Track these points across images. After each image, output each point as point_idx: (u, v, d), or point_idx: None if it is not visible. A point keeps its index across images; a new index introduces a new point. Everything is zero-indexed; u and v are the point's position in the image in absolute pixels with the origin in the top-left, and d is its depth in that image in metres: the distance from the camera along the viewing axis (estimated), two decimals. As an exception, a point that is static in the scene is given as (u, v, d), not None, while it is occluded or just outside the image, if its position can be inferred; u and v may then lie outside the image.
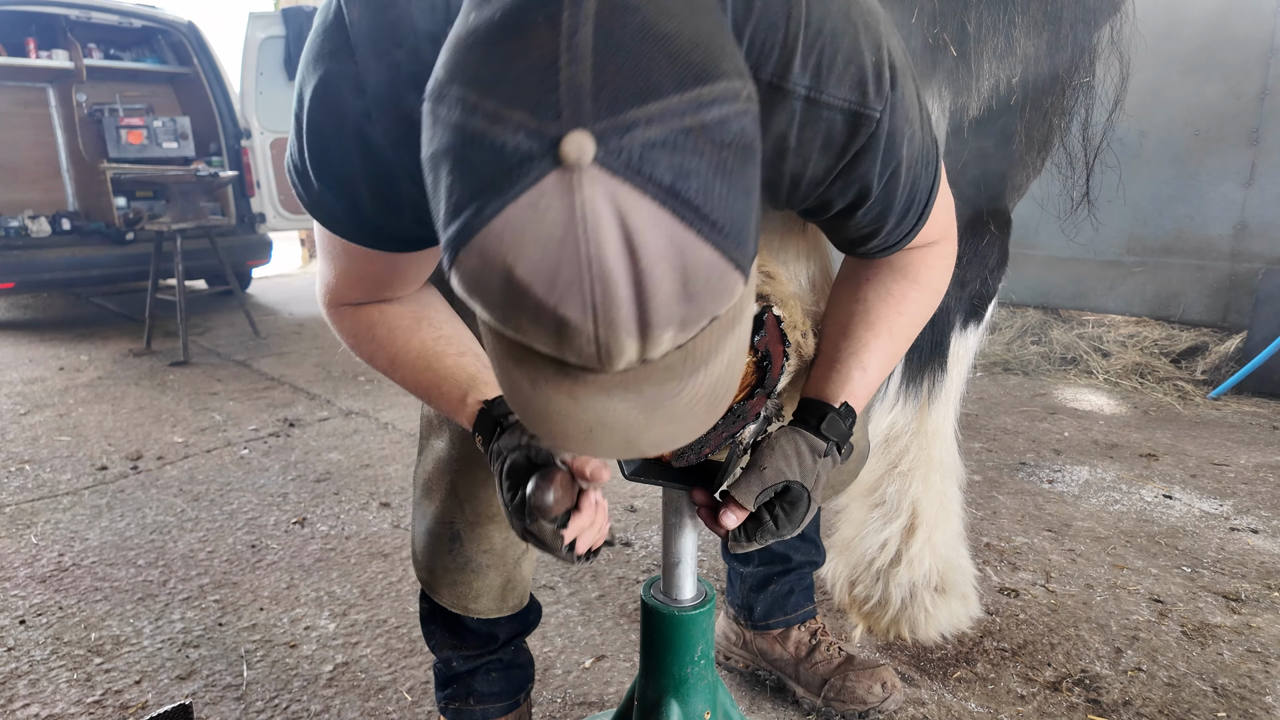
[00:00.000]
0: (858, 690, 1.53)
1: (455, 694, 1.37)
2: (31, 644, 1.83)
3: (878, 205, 0.85)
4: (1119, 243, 4.15)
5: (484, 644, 1.33)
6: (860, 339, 0.97)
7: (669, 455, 0.90)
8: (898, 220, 0.88)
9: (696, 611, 1.00)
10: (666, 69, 0.49)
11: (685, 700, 1.02)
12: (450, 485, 1.19)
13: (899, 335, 0.98)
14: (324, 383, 3.98)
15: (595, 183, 0.47)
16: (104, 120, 5.74)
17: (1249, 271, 3.77)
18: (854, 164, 0.79)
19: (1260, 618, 1.87)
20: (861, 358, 0.96)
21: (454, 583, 1.24)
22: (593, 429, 0.62)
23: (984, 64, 1.37)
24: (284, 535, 2.36)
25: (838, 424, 0.93)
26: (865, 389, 0.96)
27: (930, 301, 1.01)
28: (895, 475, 1.70)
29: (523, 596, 1.32)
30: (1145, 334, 4.10)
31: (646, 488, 2.64)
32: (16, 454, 3.05)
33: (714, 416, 0.67)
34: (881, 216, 0.87)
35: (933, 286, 1.00)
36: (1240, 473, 2.73)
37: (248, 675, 1.72)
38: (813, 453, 0.91)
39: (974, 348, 1.75)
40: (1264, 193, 3.72)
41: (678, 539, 1.02)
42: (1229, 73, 3.74)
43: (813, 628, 1.63)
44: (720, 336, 0.60)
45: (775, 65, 0.73)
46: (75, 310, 6.18)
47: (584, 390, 0.59)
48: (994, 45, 1.36)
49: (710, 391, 0.63)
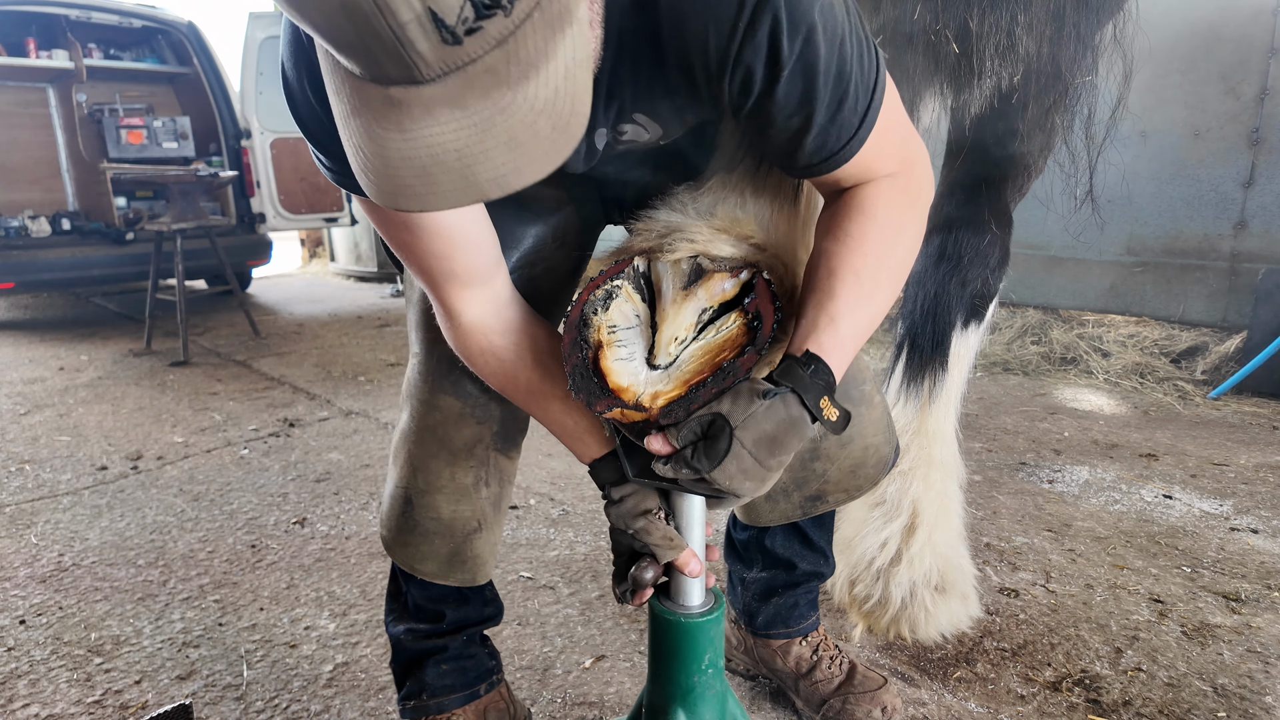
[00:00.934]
0: (857, 714, 1.50)
1: (410, 691, 1.41)
2: (31, 644, 1.83)
3: (798, 81, 0.79)
4: (1119, 243, 4.16)
5: (431, 620, 1.37)
6: (824, 288, 0.90)
7: (656, 413, 0.88)
8: (829, 113, 0.82)
9: (705, 619, 0.98)
10: None
11: (693, 710, 1.01)
12: (407, 454, 1.27)
13: (866, 280, 0.90)
14: (324, 383, 3.98)
15: None
16: (104, 120, 5.75)
17: (1249, 271, 3.77)
18: (755, 23, 0.75)
19: (1260, 618, 1.87)
20: (827, 308, 0.89)
21: (404, 543, 1.31)
22: (428, 167, 0.60)
23: (986, 61, 1.37)
24: (284, 535, 2.36)
25: (794, 370, 0.86)
26: (835, 340, 0.89)
27: (893, 241, 0.93)
28: (896, 474, 1.70)
29: (473, 574, 1.33)
30: (1145, 334, 4.10)
31: (646, 488, 2.64)
32: (16, 454, 3.05)
33: (564, 143, 0.64)
34: (806, 101, 0.81)
35: (893, 223, 0.92)
36: (1240, 473, 2.73)
37: (248, 675, 1.72)
38: (751, 393, 0.85)
39: (975, 347, 1.75)
40: (1264, 193, 3.72)
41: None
42: (1229, 73, 3.74)
43: (815, 641, 1.59)
44: (547, 36, 0.58)
45: None
46: (75, 310, 6.19)
47: (408, 116, 0.58)
48: (996, 42, 1.36)
49: (549, 105, 0.61)
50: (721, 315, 0.94)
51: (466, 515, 1.28)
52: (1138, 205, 4.06)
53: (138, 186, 6.11)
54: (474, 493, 1.27)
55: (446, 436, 1.22)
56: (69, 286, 5.64)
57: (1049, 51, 1.43)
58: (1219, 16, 3.73)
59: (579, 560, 2.18)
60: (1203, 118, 3.83)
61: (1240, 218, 3.80)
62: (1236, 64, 3.71)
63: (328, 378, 4.08)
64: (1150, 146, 3.99)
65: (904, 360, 1.73)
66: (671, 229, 0.99)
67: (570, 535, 2.32)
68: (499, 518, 1.33)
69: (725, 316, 0.93)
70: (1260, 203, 3.73)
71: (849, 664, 1.57)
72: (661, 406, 0.89)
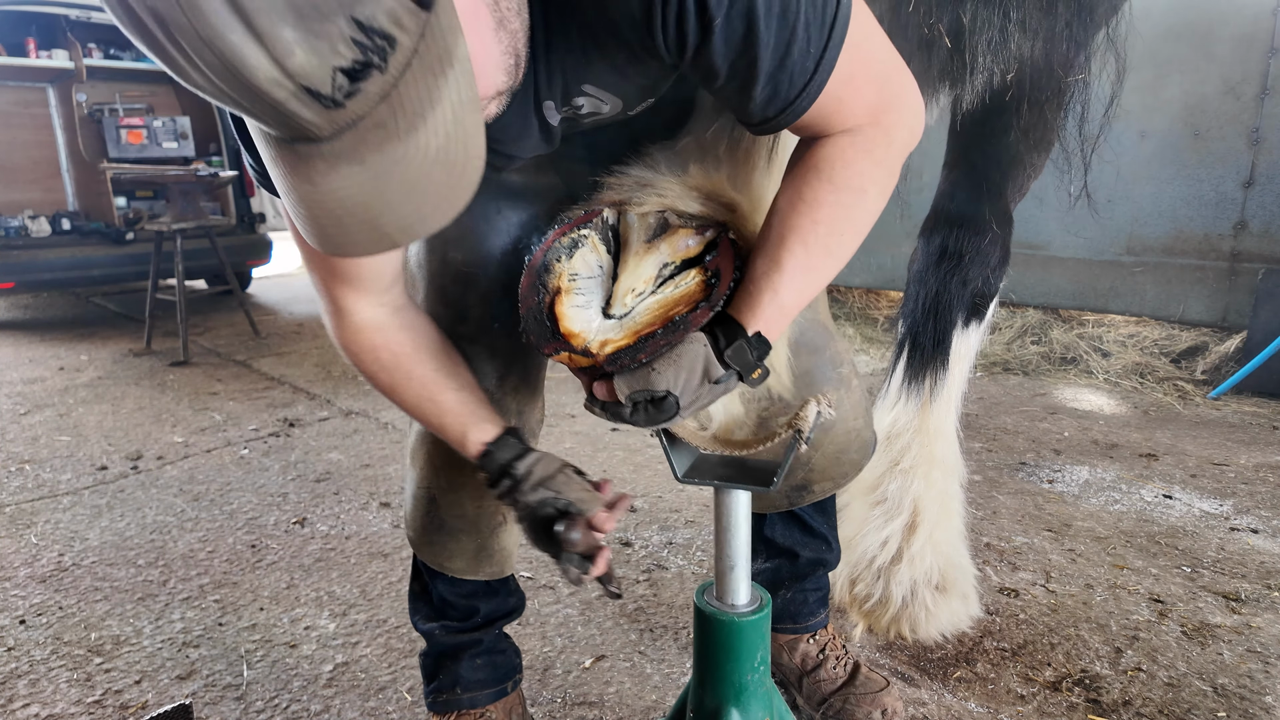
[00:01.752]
0: (857, 714, 1.50)
1: (442, 685, 1.39)
2: (31, 644, 1.83)
3: (736, 24, 0.73)
4: (1119, 243, 4.15)
5: (465, 617, 1.36)
6: (772, 256, 0.88)
7: (602, 360, 0.91)
8: (776, 59, 0.76)
9: (755, 617, 0.98)
10: None
11: (746, 708, 1.00)
12: (428, 454, 1.27)
13: (815, 249, 0.87)
14: (324, 383, 3.98)
15: None
16: (104, 120, 5.75)
17: (1249, 271, 3.77)
18: None
19: (1260, 618, 1.87)
20: (773, 279, 0.87)
21: (431, 541, 1.30)
22: (341, 218, 0.63)
23: (978, 57, 1.38)
24: (284, 535, 2.35)
25: (743, 353, 0.87)
26: (779, 313, 0.88)
27: (852, 203, 0.87)
28: (897, 473, 1.70)
29: (501, 566, 1.34)
30: (1145, 334, 4.10)
31: (648, 488, 2.64)
32: (16, 454, 3.05)
33: (463, 188, 0.65)
34: (749, 45, 0.74)
35: (852, 185, 0.86)
36: (1240, 473, 2.73)
37: (248, 675, 1.72)
38: (706, 377, 0.87)
39: (975, 346, 1.75)
40: (1264, 193, 3.72)
41: (732, 543, 0.98)
42: (1229, 73, 3.74)
43: (823, 640, 1.58)
44: (429, 83, 0.59)
45: None
46: (75, 310, 6.18)
47: (314, 170, 0.61)
48: (989, 37, 1.36)
49: (442, 153, 0.62)
50: (682, 271, 0.95)
51: (491, 510, 1.28)
52: (1138, 205, 4.06)
53: (138, 186, 6.12)
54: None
55: None
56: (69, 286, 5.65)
57: (1042, 49, 1.44)
58: (1219, 16, 3.73)
59: (579, 560, 2.18)
60: (1203, 118, 3.83)
61: (1240, 218, 3.80)
62: (1236, 64, 3.71)
63: (328, 377, 4.08)
64: (1150, 146, 3.99)
65: (905, 359, 1.73)
66: (643, 183, 1.00)
67: (570, 535, 2.32)
68: None
69: (685, 272, 0.95)
70: (1260, 203, 3.73)
71: (853, 664, 1.57)
72: (608, 354, 0.91)
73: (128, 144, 5.77)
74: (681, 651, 1.78)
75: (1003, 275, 1.71)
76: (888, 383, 1.76)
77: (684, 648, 1.79)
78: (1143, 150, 4.01)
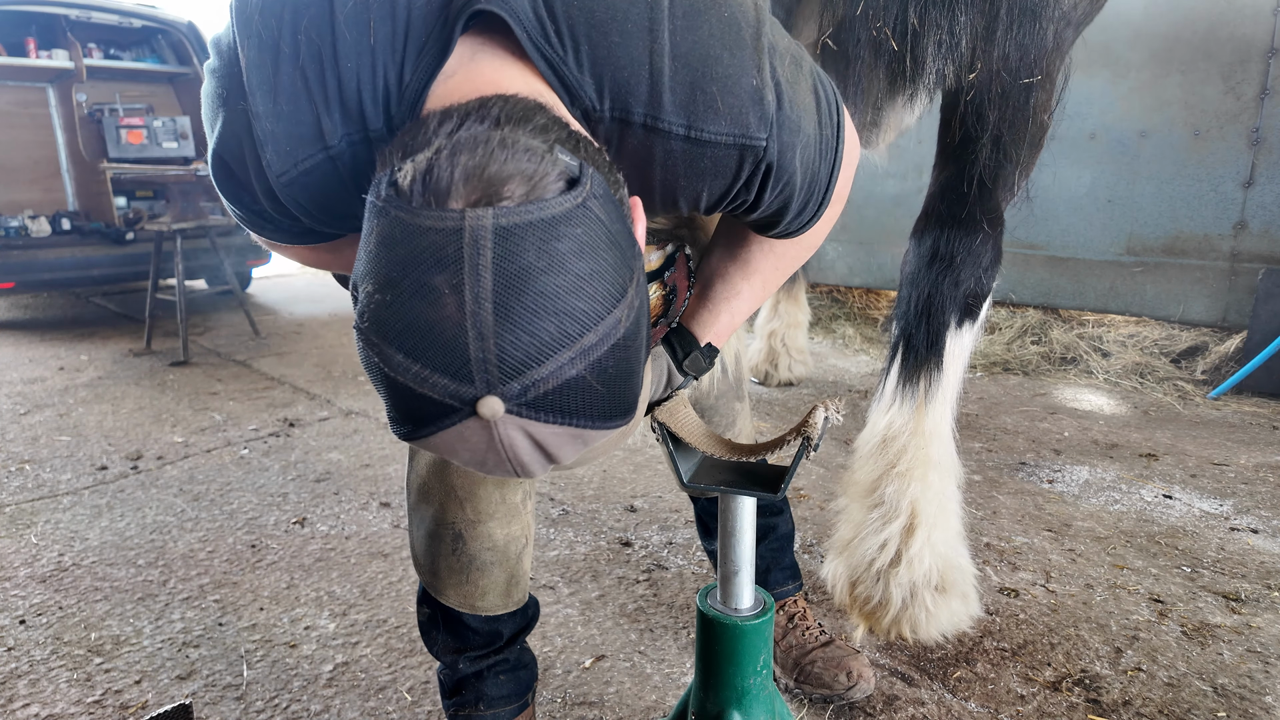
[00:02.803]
0: (824, 677, 1.58)
1: (464, 700, 1.36)
2: (31, 644, 1.83)
3: (775, 205, 0.88)
4: (1119, 243, 4.15)
5: (489, 643, 1.33)
6: (735, 286, 1.05)
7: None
8: (797, 213, 0.92)
9: (758, 621, 0.98)
10: (553, 329, 0.59)
11: (748, 712, 1.00)
12: (449, 486, 1.21)
13: (770, 284, 1.07)
14: (324, 383, 3.98)
15: (507, 425, 0.61)
16: (104, 120, 5.74)
17: (1249, 271, 3.77)
18: (749, 185, 0.83)
19: (1260, 618, 1.87)
20: (733, 304, 1.05)
21: (460, 582, 1.25)
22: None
23: (928, 59, 1.41)
24: (284, 535, 2.36)
25: (698, 362, 1.05)
26: (729, 329, 1.07)
27: (805, 256, 1.08)
28: (893, 476, 1.70)
29: (525, 591, 1.33)
30: (1145, 334, 4.10)
31: (648, 488, 2.64)
32: (16, 454, 3.05)
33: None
34: (780, 214, 0.91)
35: (811, 244, 1.05)
36: (1240, 473, 2.73)
37: (248, 675, 1.72)
38: (669, 385, 1.04)
39: (970, 347, 1.75)
40: (1264, 193, 3.72)
41: (736, 548, 0.98)
42: (1229, 73, 3.74)
43: (791, 611, 1.67)
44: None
45: (645, 106, 0.75)
46: (75, 310, 6.19)
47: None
48: (937, 39, 1.38)
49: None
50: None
51: (517, 533, 1.26)
52: (1138, 205, 4.06)
53: (138, 186, 6.11)
54: (522, 508, 1.26)
55: None
56: (69, 286, 5.64)
57: (1000, 52, 1.45)
58: (1219, 16, 3.73)
59: (579, 560, 2.18)
60: (1203, 118, 3.83)
61: (1240, 218, 3.80)
62: (1236, 64, 3.71)
63: (328, 377, 4.08)
64: (1150, 146, 3.99)
65: (899, 361, 1.73)
66: None
67: (570, 535, 2.32)
68: (534, 523, 1.35)
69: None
70: (1260, 203, 3.73)
71: (827, 636, 1.64)
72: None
73: (128, 144, 5.76)
74: (681, 652, 1.78)
75: (995, 275, 1.71)
76: (882, 385, 1.76)
77: (684, 648, 1.79)
78: (1143, 150, 4.01)
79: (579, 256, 0.61)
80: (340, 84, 0.75)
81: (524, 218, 0.60)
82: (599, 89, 0.75)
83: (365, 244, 0.64)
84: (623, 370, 0.64)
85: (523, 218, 0.60)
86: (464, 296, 0.58)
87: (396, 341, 0.60)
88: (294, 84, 0.75)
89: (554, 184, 0.62)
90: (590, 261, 0.62)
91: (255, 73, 0.76)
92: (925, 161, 2.22)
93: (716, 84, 0.75)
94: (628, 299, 0.64)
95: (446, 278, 0.58)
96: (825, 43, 1.47)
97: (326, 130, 0.77)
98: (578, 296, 0.61)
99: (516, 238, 0.59)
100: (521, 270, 0.59)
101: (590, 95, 0.75)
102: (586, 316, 0.61)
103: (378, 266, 0.62)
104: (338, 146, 0.77)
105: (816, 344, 4.65)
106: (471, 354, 0.58)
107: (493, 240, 0.59)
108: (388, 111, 0.76)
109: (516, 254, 0.59)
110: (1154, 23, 3.90)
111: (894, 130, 1.94)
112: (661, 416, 0.97)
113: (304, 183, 0.79)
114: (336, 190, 0.81)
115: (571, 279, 0.61)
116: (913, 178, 4.64)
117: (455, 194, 0.60)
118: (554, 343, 0.60)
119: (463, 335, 0.58)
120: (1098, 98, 4.09)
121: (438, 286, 0.59)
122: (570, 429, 0.63)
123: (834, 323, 5.01)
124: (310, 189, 0.80)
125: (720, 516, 0.99)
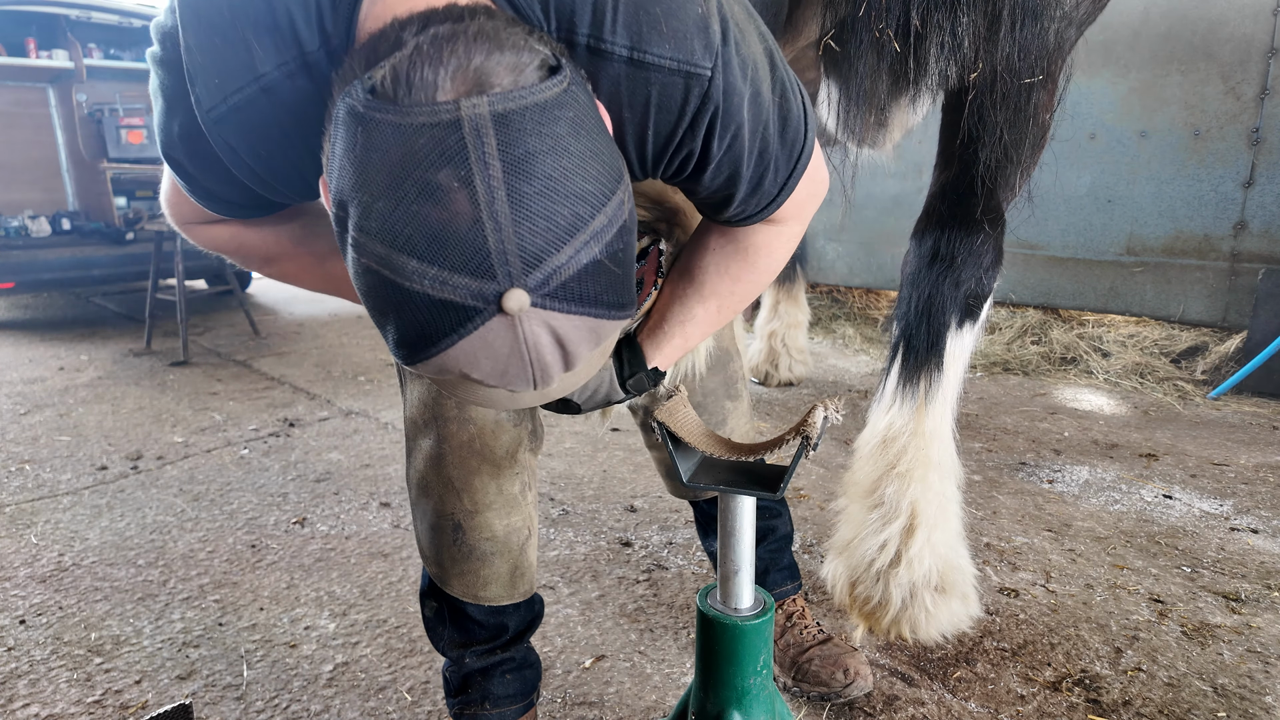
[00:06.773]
0: (822, 675, 1.58)
1: (470, 699, 1.35)
2: (31, 644, 1.83)
3: (724, 169, 0.84)
4: (1119, 243, 4.15)
5: (495, 636, 1.33)
6: (690, 310, 1.04)
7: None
8: (750, 188, 0.87)
9: (758, 621, 0.98)
10: (567, 213, 0.59)
11: (748, 712, 1.00)
12: (446, 479, 1.22)
13: (726, 311, 1.05)
14: (324, 383, 3.98)
15: (531, 319, 0.60)
16: (104, 120, 5.74)
17: (1249, 271, 3.77)
18: (694, 127, 0.79)
19: (1260, 618, 1.87)
20: (686, 328, 1.05)
21: (462, 572, 1.26)
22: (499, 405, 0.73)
23: (930, 60, 1.42)
24: (284, 535, 2.36)
25: (641, 383, 1.06)
26: (681, 350, 1.07)
27: (763, 284, 1.05)
28: (893, 476, 1.69)
29: (531, 583, 1.33)
30: (1145, 334, 4.10)
31: (648, 488, 2.64)
32: (16, 454, 3.05)
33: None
34: (730, 183, 0.86)
35: (769, 271, 1.03)
36: (1240, 473, 2.73)
37: (248, 675, 1.72)
38: (608, 399, 1.06)
39: (970, 347, 1.75)
40: (1264, 193, 3.72)
41: (736, 547, 0.98)
42: (1229, 73, 3.74)
43: (790, 610, 1.67)
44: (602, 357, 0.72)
45: (590, 26, 0.73)
46: (75, 310, 6.18)
47: (507, 399, 0.70)
48: (940, 40, 1.39)
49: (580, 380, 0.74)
50: None
51: (519, 525, 1.26)
52: (1138, 205, 4.06)
53: (138, 186, 6.11)
54: (522, 500, 1.26)
55: (486, 448, 1.20)
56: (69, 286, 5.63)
57: (1001, 52, 1.46)
58: (1219, 16, 3.73)
59: (579, 560, 2.18)
60: (1203, 118, 3.83)
61: (1240, 218, 3.79)
62: (1236, 64, 3.71)
63: (328, 377, 4.08)
64: (1150, 146, 3.99)
65: (899, 361, 1.73)
66: None
67: (570, 535, 2.32)
68: (537, 517, 1.34)
69: None
70: (1260, 203, 3.73)
71: (825, 635, 1.65)
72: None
73: (128, 144, 5.76)
74: (681, 652, 1.78)
75: (996, 276, 1.71)
76: (883, 386, 1.76)
77: (684, 648, 1.79)
78: (1143, 150, 4.01)
79: (575, 138, 0.61)
80: (270, 3, 0.72)
81: (519, 102, 0.59)
82: (545, 8, 0.73)
83: (348, 156, 0.62)
84: (629, 255, 0.65)
85: (518, 103, 0.58)
86: (475, 189, 0.57)
87: (408, 247, 0.58)
88: (221, 12, 0.72)
89: (538, 70, 0.62)
90: (587, 142, 0.62)
91: (187, 8, 0.74)
92: (925, 161, 2.22)
93: (660, 6, 0.73)
94: (624, 181, 0.64)
95: (452, 171, 0.57)
96: (828, 44, 1.47)
97: (258, 58, 0.72)
98: (583, 178, 0.60)
99: (516, 123, 0.58)
100: (527, 155, 0.58)
101: (537, 16, 0.73)
102: (594, 198, 0.60)
103: (370, 174, 0.60)
104: (271, 75, 0.73)
105: (816, 344, 4.65)
106: (491, 247, 0.57)
107: (494, 127, 0.57)
108: (322, 28, 0.72)
109: (519, 139, 0.58)
110: (1154, 23, 3.90)
111: (900, 130, 1.94)
112: (661, 416, 0.96)
113: (235, 120, 0.75)
114: (273, 131, 0.76)
115: (574, 160, 0.60)
116: (913, 178, 4.64)
117: (443, 88, 0.58)
118: (569, 227, 0.59)
119: (480, 229, 0.57)
120: (1098, 98, 4.09)
121: (444, 183, 0.57)
122: (589, 319, 0.63)
123: (834, 323, 5.02)
124: (243, 127, 0.76)
125: (720, 516, 0.98)
